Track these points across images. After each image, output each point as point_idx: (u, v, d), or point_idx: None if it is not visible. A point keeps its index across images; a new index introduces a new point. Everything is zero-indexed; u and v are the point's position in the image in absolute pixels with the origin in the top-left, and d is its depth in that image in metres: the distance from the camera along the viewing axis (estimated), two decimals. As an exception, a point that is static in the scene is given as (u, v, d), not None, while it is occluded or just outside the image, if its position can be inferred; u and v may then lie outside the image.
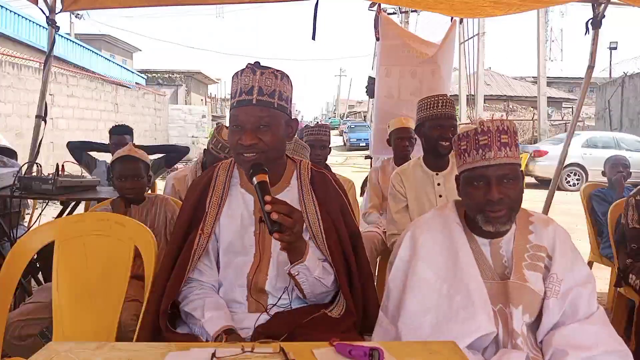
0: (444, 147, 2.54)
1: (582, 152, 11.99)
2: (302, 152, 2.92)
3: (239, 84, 1.49)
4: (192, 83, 24.83)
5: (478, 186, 1.46)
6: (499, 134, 1.46)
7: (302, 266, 1.43)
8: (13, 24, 12.38)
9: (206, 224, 1.55)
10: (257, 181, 1.37)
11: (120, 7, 3.61)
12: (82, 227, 1.93)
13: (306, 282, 1.47)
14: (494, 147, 1.45)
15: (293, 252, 1.42)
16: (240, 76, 1.50)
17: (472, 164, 1.47)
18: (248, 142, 1.45)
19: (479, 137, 1.47)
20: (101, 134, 12.09)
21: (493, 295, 1.45)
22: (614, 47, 27.03)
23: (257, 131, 1.46)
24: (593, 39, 3.79)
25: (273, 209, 1.29)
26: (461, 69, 17.68)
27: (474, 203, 1.47)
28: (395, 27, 4.61)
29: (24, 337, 2.07)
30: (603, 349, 1.37)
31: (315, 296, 1.53)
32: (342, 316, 1.51)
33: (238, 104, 1.48)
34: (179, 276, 1.51)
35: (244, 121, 1.47)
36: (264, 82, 1.47)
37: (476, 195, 1.46)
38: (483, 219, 1.46)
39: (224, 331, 1.39)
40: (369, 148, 4.69)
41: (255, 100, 1.46)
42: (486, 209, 1.44)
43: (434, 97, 2.63)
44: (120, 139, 3.91)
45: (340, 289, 1.54)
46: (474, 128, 1.50)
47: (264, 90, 1.47)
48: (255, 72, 1.48)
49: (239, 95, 1.48)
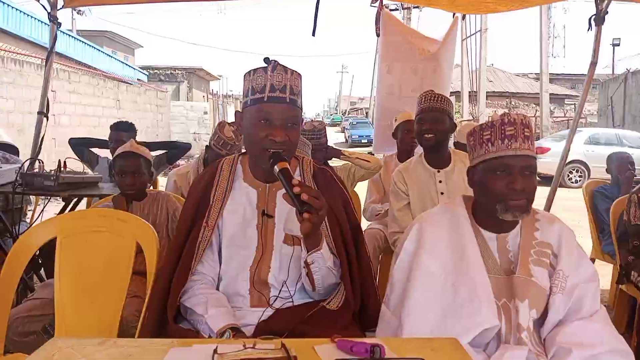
0: (427, 140, 2.54)
1: (584, 149, 11.97)
2: (303, 148, 2.92)
3: (268, 80, 1.50)
4: (194, 79, 24.81)
5: (500, 175, 1.46)
6: (522, 126, 1.48)
7: (318, 254, 1.46)
8: (15, 20, 12.38)
9: (210, 217, 1.57)
10: (280, 168, 1.41)
11: (122, 3, 3.62)
12: (84, 223, 1.94)
13: (319, 272, 1.49)
14: (520, 138, 1.46)
15: (313, 238, 1.44)
16: (270, 72, 1.50)
17: (496, 152, 1.47)
18: (280, 138, 1.47)
19: (505, 127, 1.48)
20: (103, 130, 12.07)
21: (498, 290, 1.46)
22: (616, 44, 26.96)
23: (286, 128, 1.49)
24: (596, 35, 3.77)
25: (302, 190, 1.32)
26: (463, 65, 17.62)
27: (495, 191, 1.47)
28: (397, 23, 4.60)
29: (26, 333, 2.07)
30: (607, 348, 1.37)
31: (324, 288, 1.55)
32: (340, 308, 1.53)
33: (271, 100, 1.49)
34: (185, 268, 1.53)
35: (276, 117, 1.49)
36: (293, 82, 1.52)
37: (498, 184, 1.46)
38: (503, 208, 1.46)
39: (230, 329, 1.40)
40: (371, 145, 4.67)
41: (288, 98, 1.50)
42: (507, 197, 1.45)
43: (422, 94, 2.65)
44: (115, 136, 3.87)
45: (342, 281, 1.56)
46: (499, 118, 1.50)
47: (294, 90, 1.52)
48: (286, 71, 1.51)
49: (272, 91, 1.49)
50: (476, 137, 1.54)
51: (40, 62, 10.07)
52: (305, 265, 1.48)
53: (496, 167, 1.47)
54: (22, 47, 11.74)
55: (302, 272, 1.52)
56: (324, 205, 1.35)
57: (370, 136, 20.73)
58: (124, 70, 18.74)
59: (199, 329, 1.47)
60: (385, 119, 4.22)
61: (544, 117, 17.27)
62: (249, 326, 1.47)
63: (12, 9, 12.33)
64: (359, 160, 3.24)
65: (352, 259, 1.59)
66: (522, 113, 1.64)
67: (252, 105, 1.52)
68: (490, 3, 3.58)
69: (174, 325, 1.49)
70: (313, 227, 1.37)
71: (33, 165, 3.31)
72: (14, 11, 12.38)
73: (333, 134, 34.45)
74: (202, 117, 19.34)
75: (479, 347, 1.43)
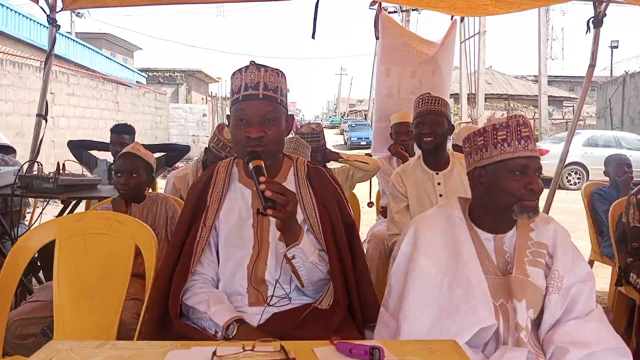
0: (426, 143, 2.54)
1: (583, 151, 11.98)
2: (303, 151, 2.92)
3: (243, 79, 1.53)
4: (193, 82, 24.81)
5: (517, 176, 1.47)
6: (528, 129, 1.50)
7: (297, 249, 1.47)
8: (14, 23, 12.37)
9: (208, 217, 1.60)
10: (253, 165, 1.43)
11: (121, 5, 3.61)
12: (82, 225, 1.93)
13: (303, 267, 1.50)
14: (532, 139, 1.49)
15: (289, 233, 1.46)
16: (244, 72, 1.54)
17: (514, 153, 1.47)
18: (255, 134, 1.49)
19: (521, 128, 1.49)
20: (102, 132, 12.09)
21: (494, 290, 1.46)
22: (615, 46, 26.99)
23: (263, 125, 1.51)
24: (594, 37, 3.78)
25: (267, 187, 1.34)
26: (462, 67, 17.66)
27: (512, 192, 1.47)
28: (395, 26, 4.60)
29: (25, 336, 2.07)
30: (604, 346, 1.38)
31: (313, 284, 1.56)
32: (331, 307, 1.54)
33: (244, 98, 1.52)
34: (184, 268, 1.55)
35: (250, 115, 1.51)
36: (268, 78, 1.53)
37: (515, 185, 1.47)
38: (519, 209, 1.47)
39: (235, 321, 1.42)
40: (370, 147, 4.68)
41: (262, 94, 1.51)
42: (524, 198, 1.46)
43: (419, 97, 2.65)
44: (117, 138, 3.90)
45: (331, 278, 1.57)
46: (514, 119, 1.51)
47: (269, 86, 1.53)
48: (259, 69, 1.54)
49: (245, 89, 1.52)
50: (488, 137, 1.52)
51: (39, 65, 10.07)
52: (287, 261, 1.50)
53: (513, 167, 1.48)
54: (20, 50, 11.73)
55: (287, 267, 1.53)
56: (289, 200, 1.37)
57: (369, 138, 20.71)
58: (122, 72, 18.74)
59: (204, 327, 1.49)
60: (384, 121, 4.22)
61: (543, 119, 17.31)
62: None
63: (11, 12, 12.32)
64: (357, 162, 3.25)
65: (344, 256, 1.60)
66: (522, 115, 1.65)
67: (232, 107, 1.57)
68: (488, 5, 3.59)
69: (178, 321, 1.50)
70: (282, 222, 1.40)
71: (32, 168, 3.31)
72: (12, 13, 12.37)
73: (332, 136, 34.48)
74: (201, 120, 19.33)
75: (477, 348, 1.43)
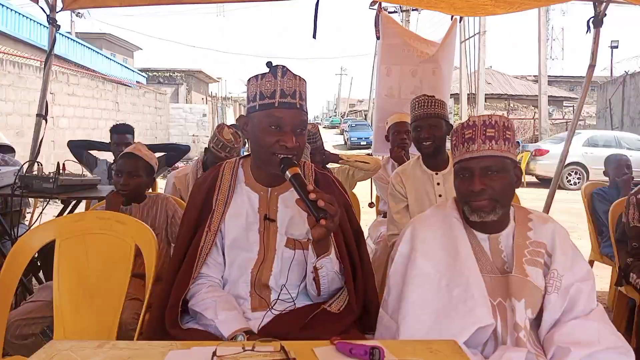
0: (426, 147, 2.55)
1: (583, 151, 11.99)
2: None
3: (278, 85, 1.48)
4: (193, 82, 24.81)
5: (464, 178, 1.53)
6: (484, 127, 1.51)
7: (327, 259, 1.46)
8: (14, 23, 12.37)
9: (213, 222, 1.57)
10: (292, 174, 1.41)
11: (121, 5, 3.61)
12: (82, 225, 1.93)
13: (326, 277, 1.49)
14: (478, 140, 1.50)
15: (324, 244, 1.44)
16: (281, 78, 1.48)
17: (458, 157, 1.55)
18: (291, 144, 1.46)
19: (464, 131, 1.54)
20: (102, 132, 12.09)
21: (493, 289, 1.46)
22: (615, 46, 26.96)
23: (296, 134, 1.48)
24: (594, 37, 3.78)
25: (318, 197, 1.32)
26: (462, 67, 17.67)
27: (460, 194, 1.55)
28: (395, 25, 4.60)
29: (25, 336, 2.07)
30: (605, 345, 1.37)
31: (328, 293, 1.55)
32: (341, 312, 1.53)
33: (281, 105, 1.47)
34: (187, 272, 1.53)
35: (287, 123, 1.47)
36: (302, 88, 1.52)
37: (461, 187, 1.53)
38: (469, 209, 1.52)
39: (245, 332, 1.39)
40: (370, 147, 4.68)
41: (298, 104, 1.49)
42: (469, 199, 1.50)
43: (415, 99, 2.64)
44: (121, 138, 3.91)
45: (345, 285, 1.56)
46: (461, 123, 1.56)
47: (302, 96, 1.52)
48: (295, 77, 1.51)
49: (282, 96, 1.47)
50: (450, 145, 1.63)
51: (39, 65, 10.08)
52: (313, 270, 1.48)
53: (459, 170, 1.55)
54: (20, 50, 11.74)
55: (308, 277, 1.52)
56: (337, 210, 1.36)
57: (369, 138, 20.74)
58: (122, 72, 18.74)
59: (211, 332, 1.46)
60: (384, 121, 4.21)
61: (543, 119, 17.31)
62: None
63: (11, 12, 12.32)
64: (357, 162, 3.24)
65: (356, 263, 1.59)
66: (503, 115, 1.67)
67: (261, 111, 1.49)
68: (488, 6, 3.58)
69: (176, 327, 1.47)
70: (327, 232, 1.38)
71: (32, 168, 3.31)
72: (12, 13, 12.38)
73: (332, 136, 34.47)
74: (201, 120, 19.34)
75: (475, 348, 1.42)
